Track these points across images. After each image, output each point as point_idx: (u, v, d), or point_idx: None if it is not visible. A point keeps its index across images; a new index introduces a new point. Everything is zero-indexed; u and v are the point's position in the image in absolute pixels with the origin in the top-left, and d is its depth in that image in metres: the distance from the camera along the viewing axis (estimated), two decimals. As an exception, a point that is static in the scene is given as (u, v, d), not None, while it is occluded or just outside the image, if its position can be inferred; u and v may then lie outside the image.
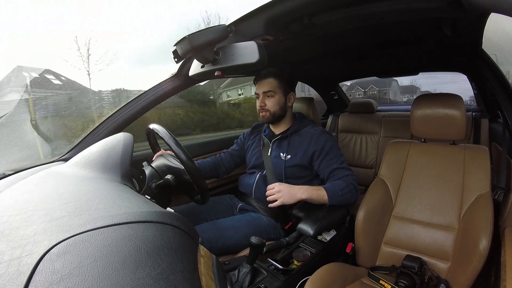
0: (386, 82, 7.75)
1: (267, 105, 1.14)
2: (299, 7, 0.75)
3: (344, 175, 1.04)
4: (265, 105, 1.14)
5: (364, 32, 1.04)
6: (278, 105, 1.15)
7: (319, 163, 1.08)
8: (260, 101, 1.15)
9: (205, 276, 0.36)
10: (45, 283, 0.26)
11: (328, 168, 1.06)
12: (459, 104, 0.99)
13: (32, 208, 0.40)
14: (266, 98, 1.14)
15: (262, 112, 1.15)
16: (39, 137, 1.29)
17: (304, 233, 0.94)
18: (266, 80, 1.14)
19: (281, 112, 1.16)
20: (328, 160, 1.07)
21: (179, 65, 1.11)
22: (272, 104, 1.14)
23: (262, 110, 1.15)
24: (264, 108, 1.14)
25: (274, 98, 1.14)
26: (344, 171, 1.06)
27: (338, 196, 1.00)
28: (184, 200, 1.18)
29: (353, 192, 1.02)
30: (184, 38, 0.64)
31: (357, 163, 1.97)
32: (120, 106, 1.10)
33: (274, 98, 1.14)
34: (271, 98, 1.14)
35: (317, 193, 1.00)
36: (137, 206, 0.42)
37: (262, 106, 1.14)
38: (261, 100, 1.15)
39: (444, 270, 0.92)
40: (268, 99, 1.14)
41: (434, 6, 0.71)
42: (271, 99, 1.14)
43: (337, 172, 1.05)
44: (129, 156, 0.63)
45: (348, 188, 1.01)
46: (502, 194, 0.94)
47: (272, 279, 0.80)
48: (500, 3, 0.43)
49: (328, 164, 1.07)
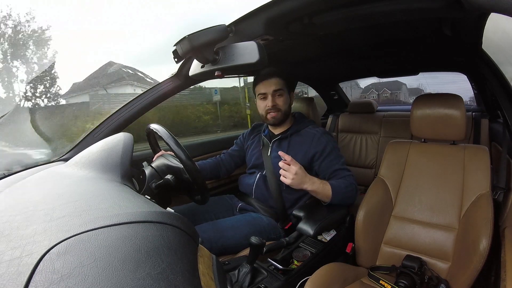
0: (397, 85, 8.41)
1: (279, 104, 1.12)
2: (299, 7, 0.75)
3: (346, 175, 1.04)
4: (277, 104, 1.11)
5: (364, 32, 1.04)
6: (287, 104, 1.14)
7: (319, 164, 1.08)
8: (270, 101, 1.11)
9: (205, 276, 0.37)
10: (45, 283, 0.26)
11: (330, 168, 1.06)
12: (459, 104, 0.99)
13: (32, 208, 0.40)
14: (277, 97, 1.12)
15: (272, 113, 1.12)
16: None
17: (304, 233, 0.94)
18: (272, 80, 1.12)
19: (289, 111, 1.16)
20: (329, 161, 1.07)
21: (179, 65, 1.11)
22: (283, 102, 1.13)
23: (273, 110, 1.11)
24: (276, 107, 1.11)
25: (283, 97, 1.13)
26: (345, 171, 1.06)
27: (342, 194, 0.99)
28: (184, 200, 1.18)
29: (354, 192, 1.02)
30: (184, 38, 0.64)
31: (357, 163, 1.97)
32: (120, 106, 1.10)
33: (284, 97, 1.13)
34: (281, 97, 1.12)
35: (323, 187, 0.98)
36: (137, 206, 0.42)
37: (274, 106, 1.11)
38: (271, 99, 1.11)
39: (444, 270, 0.92)
40: (278, 98, 1.12)
41: (434, 6, 0.71)
42: (281, 98, 1.12)
43: (339, 172, 1.05)
44: (129, 156, 0.63)
45: (350, 187, 1.01)
46: (502, 194, 0.94)
47: (272, 279, 0.80)
48: (500, 3, 0.43)
49: (330, 165, 1.06)
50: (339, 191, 0.99)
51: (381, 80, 2.47)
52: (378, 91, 8.72)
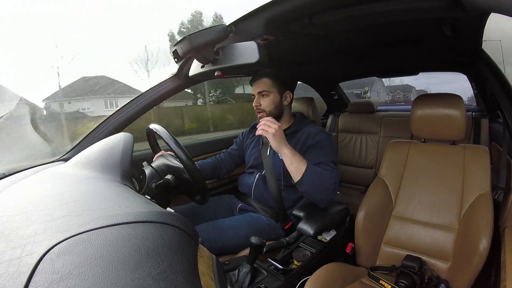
0: (408, 88, 10.37)
1: (262, 105, 1.14)
2: (299, 7, 0.75)
3: (328, 169, 0.98)
4: (260, 105, 1.14)
5: (364, 32, 1.04)
6: (273, 104, 1.14)
7: (308, 154, 1.05)
8: (255, 101, 1.15)
9: (205, 276, 0.37)
10: (45, 283, 0.26)
11: (315, 159, 1.01)
12: (459, 104, 0.99)
13: (32, 208, 0.40)
14: (261, 98, 1.14)
15: (259, 113, 1.15)
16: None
17: (304, 233, 0.94)
18: (260, 81, 1.15)
19: (277, 111, 1.16)
20: (317, 153, 1.03)
21: (179, 65, 1.11)
22: (267, 103, 1.14)
23: (258, 111, 1.15)
24: (260, 108, 1.14)
25: (268, 97, 1.14)
26: (329, 167, 0.99)
27: (315, 178, 0.92)
28: (184, 200, 1.18)
29: (328, 186, 0.94)
30: (184, 38, 0.64)
31: (357, 163, 1.97)
32: (120, 106, 1.10)
33: (269, 98, 1.14)
34: (265, 97, 1.14)
35: (300, 158, 0.94)
36: (137, 206, 0.42)
37: (257, 106, 1.14)
38: (256, 100, 1.15)
39: (444, 270, 0.92)
40: (262, 98, 1.14)
41: (434, 6, 0.71)
42: (265, 99, 1.14)
43: (322, 165, 0.99)
44: (129, 156, 0.63)
45: (326, 179, 0.94)
46: (502, 194, 0.94)
47: (272, 279, 0.80)
48: (500, 3, 0.43)
49: (317, 157, 1.02)
50: (313, 174, 0.92)
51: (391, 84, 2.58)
52: (392, 93, 11.59)
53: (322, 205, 0.99)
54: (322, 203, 0.98)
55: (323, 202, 0.98)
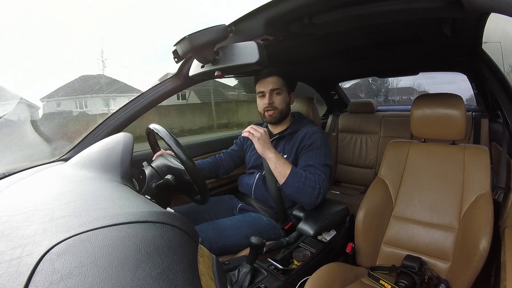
0: (415, 91, 10.99)
1: (276, 103, 1.12)
2: (299, 7, 0.75)
3: (315, 173, 0.98)
4: (274, 102, 1.12)
5: (364, 32, 1.04)
6: (284, 103, 1.14)
7: (300, 156, 1.06)
8: (267, 99, 1.12)
9: (205, 276, 0.36)
10: (45, 283, 0.26)
11: (305, 162, 1.02)
12: (459, 104, 0.99)
13: (32, 208, 0.40)
14: (274, 96, 1.13)
15: (269, 111, 1.13)
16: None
17: (304, 233, 0.94)
18: (271, 78, 1.13)
19: (287, 110, 1.16)
20: (309, 155, 1.03)
21: (179, 65, 1.11)
22: (280, 101, 1.13)
23: (270, 108, 1.12)
24: (273, 105, 1.12)
25: (281, 96, 1.13)
26: (317, 170, 0.99)
27: (299, 182, 0.93)
28: (184, 200, 1.18)
29: (312, 190, 0.94)
30: (184, 38, 0.64)
31: (357, 163, 1.97)
32: (120, 106, 1.10)
33: (282, 96, 1.13)
34: (278, 95, 1.13)
35: (284, 162, 0.95)
36: (137, 206, 0.42)
37: (270, 104, 1.12)
38: (268, 97, 1.12)
39: (444, 270, 0.92)
40: (276, 96, 1.13)
41: (434, 6, 0.71)
42: (278, 97, 1.13)
43: (310, 169, 1.00)
44: (129, 156, 0.63)
45: (311, 184, 0.94)
46: (502, 194, 0.94)
47: (272, 279, 0.80)
48: (500, 3, 0.42)
49: (307, 159, 1.02)
50: (296, 178, 0.93)
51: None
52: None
53: (308, 208, 0.99)
54: (308, 206, 0.99)
55: (307, 205, 0.98)
